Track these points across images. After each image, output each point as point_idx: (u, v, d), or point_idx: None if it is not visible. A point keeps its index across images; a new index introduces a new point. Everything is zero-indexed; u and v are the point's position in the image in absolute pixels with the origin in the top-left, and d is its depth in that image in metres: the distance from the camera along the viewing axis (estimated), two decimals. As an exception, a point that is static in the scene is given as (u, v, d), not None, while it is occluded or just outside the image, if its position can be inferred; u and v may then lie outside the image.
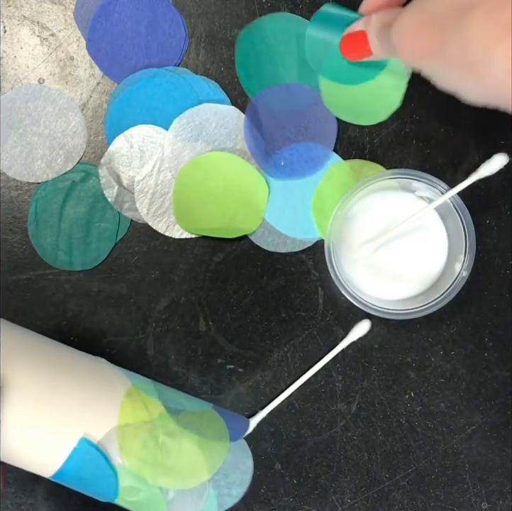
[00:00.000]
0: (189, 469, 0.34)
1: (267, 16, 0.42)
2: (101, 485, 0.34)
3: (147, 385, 0.36)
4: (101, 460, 0.33)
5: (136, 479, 0.33)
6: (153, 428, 0.34)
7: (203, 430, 0.36)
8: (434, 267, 0.41)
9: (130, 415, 0.33)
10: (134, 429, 0.33)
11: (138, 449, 0.33)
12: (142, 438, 0.33)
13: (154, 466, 0.33)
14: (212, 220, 0.42)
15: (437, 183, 0.39)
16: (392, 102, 0.42)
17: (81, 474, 0.33)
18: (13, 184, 0.43)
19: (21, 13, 0.42)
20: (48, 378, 0.33)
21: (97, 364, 0.37)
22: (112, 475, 0.33)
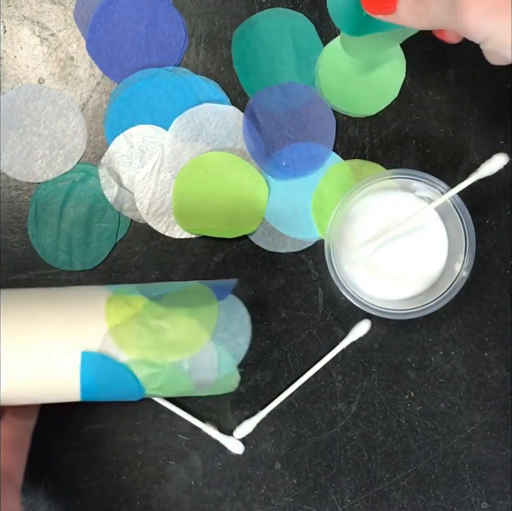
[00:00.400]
0: (188, 337, 0.35)
1: (260, 13, 0.42)
2: (124, 386, 0.35)
3: (128, 288, 0.37)
4: (109, 363, 0.34)
5: (148, 365, 0.34)
6: (142, 318, 0.35)
7: (189, 302, 0.37)
8: (434, 267, 0.41)
9: (116, 317, 0.35)
10: (124, 326, 0.35)
11: (135, 341, 0.34)
12: (134, 331, 0.35)
13: (157, 348, 0.35)
14: (212, 220, 0.42)
15: (437, 183, 0.39)
16: (390, 93, 0.42)
17: (101, 383, 0.34)
18: (13, 184, 0.43)
19: (21, 13, 0.42)
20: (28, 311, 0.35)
21: (74, 289, 0.38)
22: (126, 371, 0.34)
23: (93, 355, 0.34)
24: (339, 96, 0.42)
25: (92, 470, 0.42)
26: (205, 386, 0.36)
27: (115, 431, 0.42)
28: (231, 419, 0.43)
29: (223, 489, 0.43)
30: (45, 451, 0.42)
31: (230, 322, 0.37)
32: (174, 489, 0.43)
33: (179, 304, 0.36)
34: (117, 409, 0.42)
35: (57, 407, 0.42)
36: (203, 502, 0.42)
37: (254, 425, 0.42)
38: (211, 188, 0.42)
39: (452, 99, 0.43)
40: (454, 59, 0.42)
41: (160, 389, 0.35)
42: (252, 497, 0.43)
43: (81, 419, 0.42)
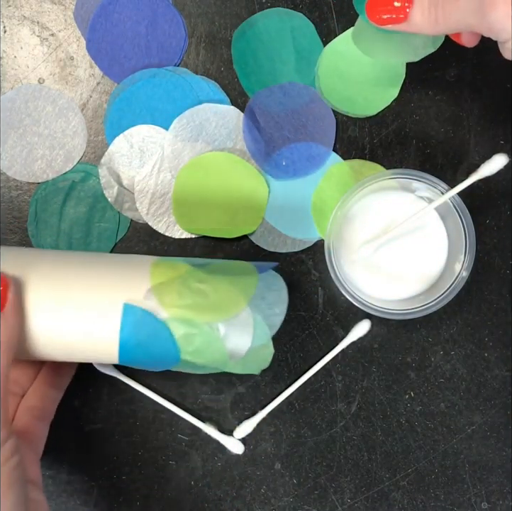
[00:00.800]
0: (227, 301, 0.36)
1: (260, 13, 0.42)
2: (161, 345, 0.35)
3: (172, 258, 0.38)
4: (149, 318, 0.34)
5: (186, 324, 0.35)
6: (184, 280, 0.36)
7: (231, 271, 0.38)
8: (434, 267, 0.41)
9: (160, 277, 0.35)
10: (167, 285, 0.35)
11: (176, 299, 0.35)
12: (176, 290, 0.35)
13: (196, 308, 0.35)
14: (212, 220, 0.42)
15: (437, 183, 0.39)
16: (390, 93, 0.42)
17: (140, 339, 0.35)
18: (13, 184, 0.43)
19: (21, 13, 0.42)
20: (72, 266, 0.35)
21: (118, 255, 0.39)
22: (164, 328, 0.35)
23: (134, 307, 0.34)
24: (339, 96, 0.42)
25: (92, 470, 0.42)
26: (238, 355, 0.36)
27: (115, 431, 0.42)
28: (231, 419, 0.43)
29: (223, 489, 0.43)
30: (44, 451, 0.42)
31: (268, 292, 0.38)
32: (174, 489, 0.43)
33: (220, 272, 0.37)
34: (117, 409, 0.42)
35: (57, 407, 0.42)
36: (203, 502, 0.42)
37: (254, 425, 0.42)
38: (211, 188, 0.42)
39: (452, 99, 0.43)
40: (454, 59, 0.42)
41: (195, 354, 0.35)
42: (252, 497, 0.43)
43: (81, 419, 0.42)
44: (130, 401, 0.42)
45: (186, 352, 0.35)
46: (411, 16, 0.32)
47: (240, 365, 0.37)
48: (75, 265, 0.36)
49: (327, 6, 0.42)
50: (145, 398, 0.42)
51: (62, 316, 0.34)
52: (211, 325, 0.35)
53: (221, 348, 0.36)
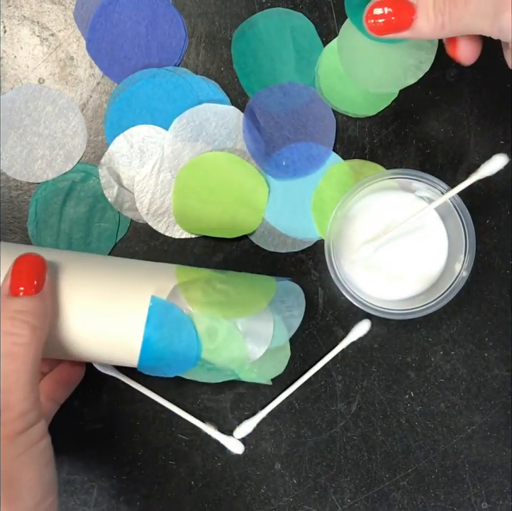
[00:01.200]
0: (249, 301, 0.38)
1: (260, 13, 0.42)
2: (184, 339, 0.36)
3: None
4: (175, 310, 0.36)
5: (209, 318, 0.36)
6: (208, 280, 0.38)
7: (250, 277, 0.40)
8: (434, 267, 0.41)
9: (185, 277, 0.37)
10: (192, 283, 0.37)
11: (201, 296, 0.37)
12: (201, 288, 0.37)
13: (219, 305, 0.37)
14: (212, 220, 0.42)
15: (438, 183, 0.39)
16: (390, 93, 0.42)
17: (164, 333, 0.35)
18: (13, 184, 0.43)
19: (21, 13, 0.42)
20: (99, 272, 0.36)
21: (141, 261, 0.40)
22: (189, 321, 0.36)
23: (161, 300, 0.36)
24: (339, 96, 0.42)
25: (92, 470, 0.42)
26: (256, 355, 0.37)
27: (115, 431, 0.42)
28: (231, 419, 0.43)
29: (223, 489, 0.43)
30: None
31: (286, 296, 0.39)
32: (174, 489, 0.43)
33: (241, 277, 0.40)
34: (117, 409, 0.42)
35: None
36: (203, 502, 0.42)
37: (254, 425, 0.42)
38: (211, 188, 0.42)
39: (452, 99, 0.43)
40: (454, 59, 0.42)
41: (215, 352, 0.36)
42: (252, 497, 0.43)
43: (81, 419, 0.42)
44: (130, 401, 0.42)
45: (207, 350, 0.36)
46: (417, 23, 0.31)
47: (256, 367, 0.38)
48: (103, 265, 0.37)
49: (327, 6, 0.42)
50: (145, 398, 0.42)
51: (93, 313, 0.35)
52: (233, 322, 0.37)
53: (241, 345, 0.37)
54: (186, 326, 0.36)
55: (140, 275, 0.37)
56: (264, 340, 0.37)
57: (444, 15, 0.30)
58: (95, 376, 0.42)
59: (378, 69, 0.37)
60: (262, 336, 0.37)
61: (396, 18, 0.31)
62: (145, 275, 0.37)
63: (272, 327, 0.38)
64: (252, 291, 0.38)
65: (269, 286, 0.39)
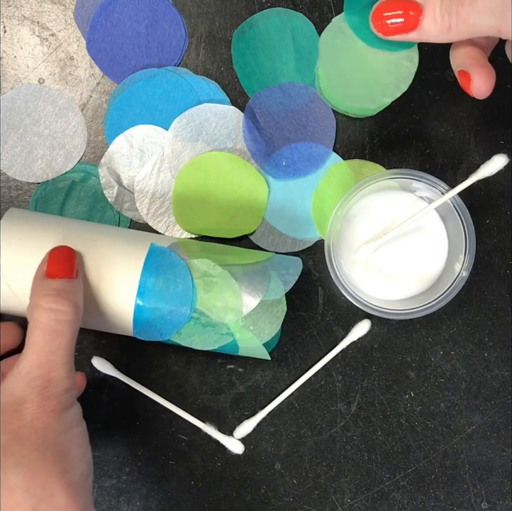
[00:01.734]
0: (245, 253, 0.39)
1: (260, 13, 0.42)
2: (179, 286, 0.36)
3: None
4: (172, 255, 0.36)
5: (205, 266, 0.37)
6: (207, 244, 0.39)
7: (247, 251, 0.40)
8: (434, 267, 0.41)
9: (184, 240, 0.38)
10: (192, 241, 0.39)
11: (199, 250, 0.38)
12: (199, 244, 0.38)
13: (216, 255, 0.38)
14: (212, 220, 0.42)
15: (437, 183, 0.39)
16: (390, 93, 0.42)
17: (160, 281, 0.36)
18: (13, 184, 0.43)
19: (21, 13, 0.42)
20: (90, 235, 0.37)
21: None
22: (185, 266, 0.36)
23: (159, 247, 0.37)
24: (339, 96, 0.42)
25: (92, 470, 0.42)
26: (252, 303, 0.37)
27: (115, 431, 0.42)
28: (231, 419, 0.43)
29: (223, 489, 0.43)
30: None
31: (284, 260, 0.39)
32: (174, 489, 0.43)
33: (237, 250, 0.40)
34: (117, 409, 0.42)
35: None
36: (203, 502, 0.42)
37: (254, 425, 0.42)
38: (211, 188, 0.42)
39: (452, 98, 0.43)
40: (454, 59, 0.42)
41: (211, 301, 0.36)
42: (252, 497, 0.43)
43: (81, 419, 0.42)
44: (130, 401, 0.42)
45: (202, 299, 0.36)
46: (422, 23, 0.31)
47: (251, 323, 0.37)
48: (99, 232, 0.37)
49: (327, 6, 0.42)
50: (145, 398, 0.42)
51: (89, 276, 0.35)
52: (229, 270, 0.37)
53: (237, 292, 0.36)
54: (182, 271, 0.36)
55: (139, 234, 0.38)
56: (259, 289, 0.37)
57: (452, 14, 0.30)
58: (95, 376, 0.42)
59: (356, 82, 0.38)
60: (258, 287, 0.37)
61: (403, 19, 0.31)
62: (145, 235, 0.38)
63: (268, 279, 0.37)
64: (250, 251, 0.39)
65: (266, 253, 0.40)
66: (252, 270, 0.37)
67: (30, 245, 0.35)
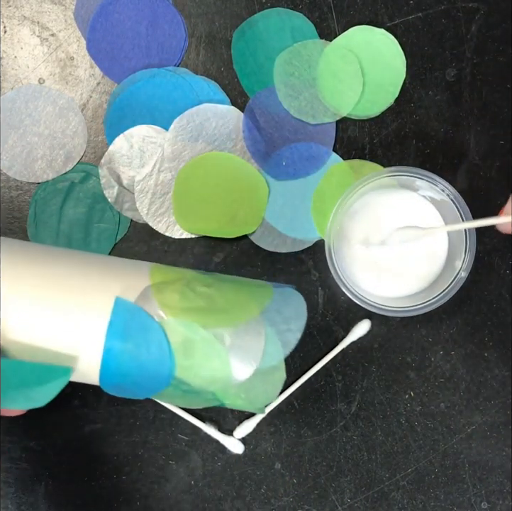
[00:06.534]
0: (236, 306, 0.31)
1: (260, 13, 0.42)
2: (153, 353, 0.30)
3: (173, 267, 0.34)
4: (143, 315, 0.30)
5: (185, 327, 0.30)
6: (188, 282, 0.31)
7: (242, 281, 0.33)
8: (434, 265, 0.41)
9: (161, 277, 0.31)
10: (169, 284, 0.31)
11: (178, 300, 0.30)
12: (179, 291, 0.30)
13: (199, 311, 0.30)
14: (212, 220, 0.42)
15: (439, 181, 0.39)
16: (390, 93, 0.42)
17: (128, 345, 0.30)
18: (13, 184, 0.43)
19: (21, 13, 0.42)
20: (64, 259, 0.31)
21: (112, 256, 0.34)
22: (160, 331, 0.30)
23: (127, 303, 0.30)
24: (339, 96, 0.42)
25: (92, 470, 0.42)
26: (242, 376, 0.30)
27: (115, 431, 0.42)
28: (231, 419, 0.43)
29: (223, 489, 0.43)
30: (44, 451, 0.42)
31: (285, 306, 0.33)
32: (174, 489, 0.43)
33: (229, 281, 0.33)
34: (117, 409, 0.42)
35: (56, 406, 0.42)
36: (203, 502, 0.42)
37: (254, 425, 0.42)
38: (211, 188, 0.42)
39: (452, 99, 0.43)
40: (454, 59, 0.42)
41: (193, 370, 0.30)
42: (252, 497, 0.43)
43: (81, 419, 0.42)
44: (130, 401, 0.42)
45: (182, 367, 0.30)
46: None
47: (243, 392, 0.31)
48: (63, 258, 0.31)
49: (327, 6, 0.42)
50: (145, 398, 0.42)
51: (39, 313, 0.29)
52: (215, 333, 0.30)
53: (225, 361, 0.30)
54: (156, 335, 0.30)
55: (107, 272, 0.31)
56: (253, 357, 0.31)
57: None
58: (95, 376, 0.42)
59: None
60: (251, 353, 0.31)
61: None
62: (114, 272, 0.31)
63: (264, 342, 0.31)
64: (242, 296, 0.32)
65: (263, 292, 0.33)
66: (244, 329, 0.31)
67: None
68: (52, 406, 0.38)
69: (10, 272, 0.30)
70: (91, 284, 0.30)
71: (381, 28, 0.42)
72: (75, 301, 0.30)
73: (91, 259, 0.32)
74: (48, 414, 0.42)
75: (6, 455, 0.42)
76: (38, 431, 0.42)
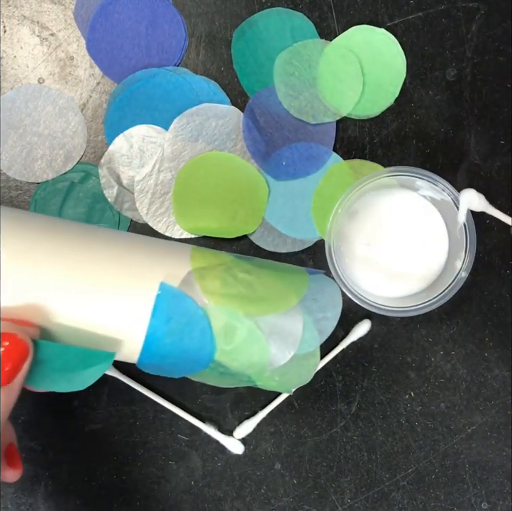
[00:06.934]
0: (276, 295, 0.32)
1: (260, 13, 0.42)
2: (195, 337, 0.30)
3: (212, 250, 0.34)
4: (188, 301, 0.30)
5: (227, 314, 0.30)
6: (229, 268, 0.31)
7: (280, 267, 0.34)
8: (434, 265, 0.41)
9: (202, 261, 0.31)
10: (210, 270, 0.31)
11: (220, 287, 0.31)
12: (220, 277, 0.31)
13: (241, 298, 0.31)
14: (212, 220, 0.42)
15: (439, 181, 0.39)
16: (391, 92, 0.42)
17: (172, 327, 0.30)
18: (13, 184, 0.43)
19: (21, 13, 0.42)
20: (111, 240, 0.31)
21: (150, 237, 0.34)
22: (202, 317, 0.30)
23: (172, 289, 0.30)
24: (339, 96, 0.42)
25: (92, 470, 0.42)
26: (279, 362, 0.31)
27: (115, 431, 0.42)
28: (231, 419, 0.43)
29: (223, 489, 0.43)
30: (44, 451, 0.42)
31: (320, 294, 0.34)
32: (174, 489, 0.43)
33: (269, 267, 0.33)
34: (117, 409, 0.42)
35: (56, 406, 0.42)
36: (203, 502, 0.42)
37: (254, 425, 0.42)
38: (211, 188, 0.42)
39: (452, 99, 0.43)
40: (454, 59, 0.42)
41: (232, 354, 0.31)
42: (252, 497, 0.43)
43: (81, 419, 0.42)
44: (130, 401, 0.42)
45: (222, 351, 0.31)
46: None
47: (278, 375, 0.32)
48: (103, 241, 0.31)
49: (327, 6, 0.42)
50: (145, 398, 0.42)
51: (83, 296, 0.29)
52: (256, 320, 0.31)
53: (264, 348, 0.31)
54: (199, 321, 0.30)
55: (148, 255, 0.31)
56: (291, 344, 0.32)
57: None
58: (95, 376, 0.42)
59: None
60: (289, 340, 0.32)
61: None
62: (155, 256, 0.31)
63: (302, 329, 0.32)
64: (281, 284, 0.32)
65: (300, 279, 0.33)
66: (283, 317, 0.31)
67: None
68: (52, 406, 0.38)
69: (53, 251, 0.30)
70: (136, 268, 0.30)
71: (381, 27, 0.42)
72: (120, 284, 0.30)
73: (134, 240, 0.32)
74: (48, 414, 0.42)
75: (6, 455, 0.42)
76: (38, 431, 0.42)
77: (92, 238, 0.31)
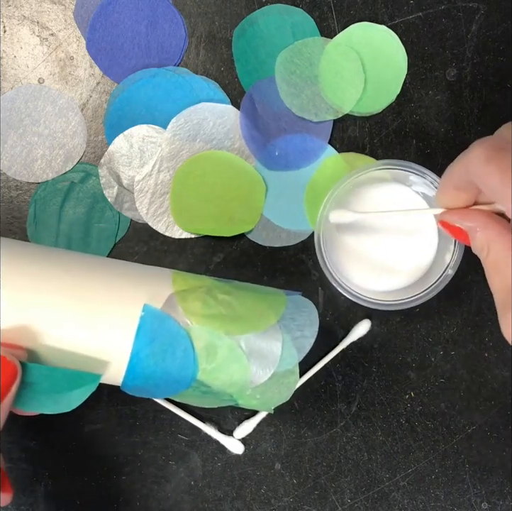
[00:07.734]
0: (255, 314, 0.33)
1: (260, 10, 0.42)
2: (178, 357, 0.31)
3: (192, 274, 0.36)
4: (170, 322, 0.31)
5: (209, 334, 0.32)
6: (209, 290, 0.33)
7: (258, 289, 0.35)
8: (423, 260, 0.41)
9: (183, 284, 0.33)
10: (191, 292, 0.33)
11: (201, 307, 0.32)
12: (201, 299, 0.33)
13: (221, 318, 0.32)
14: (210, 218, 0.42)
15: (429, 174, 0.39)
16: (392, 90, 0.42)
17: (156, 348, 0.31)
18: (13, 184, 0.43)
19: (21, 13, 0.42)
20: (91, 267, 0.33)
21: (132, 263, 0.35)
22: (184, 337, 0.32)
23: (155, 310, 0.31)
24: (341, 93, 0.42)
25: (92, 470, 0.42)
26: (260, 379, 0.33)
27: (115, 431, 0.42)
28: (231, 419, 0.43)
29: (223, 489, 0.43)
30: (44, 451, 0.42)
31: (298, 313, 0.35)
32: (174, 489, 0.43)
33: (248, 289, 0.35)
34: (117, 409, 0.42)
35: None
36: (203, 502, 0.42)
37: (254, 425, 0.42)
38: (209, 187, 0.42)
39: (452, 98, 0.43)
40: (454, 59, 0.42)
41: (214, 373, 0.32)
42: (252, 497, 0.43)
43: (81, 419, 0.42)
44: (130, 401, 0.42)
45: (204, 370, 0.32)
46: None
47: (259, 393, 0.34)
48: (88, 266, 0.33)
49: (327, 6, 0.42)
50: (145, 398, 0.42)
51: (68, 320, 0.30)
52: (236, 339, 0.32)
53: (244, 366, 0.32)
54: (181, 341, 0.31)
55: (131, 279, 0.32)
56: (271, 362, 0.33)
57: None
58: (95, 376, 0.42)
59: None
60: (269, 357, 0.33)
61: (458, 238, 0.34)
62: (137, 280, 0.33)
63: (281, 348, 0.33)
64: (259, 304, 0.34)
65: (278, 300, 0.35)
66: (262, 336, 0.33)
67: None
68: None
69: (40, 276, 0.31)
70: (120, 291, 0.32)
71: (381, 27, 0.42)
72: (105, 308, 0.31)
73: (118, 265, 0.34)
74: (48, 414, 0.41)
75: (6, 455, 0.42)
76: (38, 431, 0.42)
77: (78, 265, 0.32)
